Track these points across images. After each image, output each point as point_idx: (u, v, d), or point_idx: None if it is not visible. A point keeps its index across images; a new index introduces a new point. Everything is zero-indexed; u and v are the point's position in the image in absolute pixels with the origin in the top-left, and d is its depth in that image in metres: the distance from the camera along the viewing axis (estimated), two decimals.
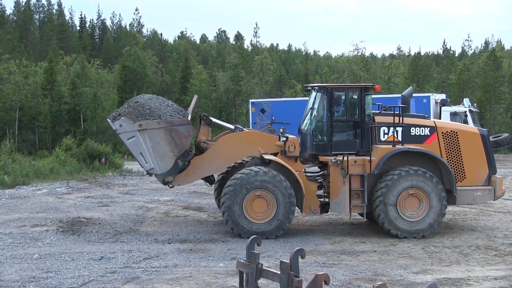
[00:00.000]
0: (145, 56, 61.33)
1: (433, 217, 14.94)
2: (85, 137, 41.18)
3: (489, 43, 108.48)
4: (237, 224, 14.67)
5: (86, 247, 13.93)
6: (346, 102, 15.71)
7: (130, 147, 14.98)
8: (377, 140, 15.50)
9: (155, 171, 15.05)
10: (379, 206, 14.81)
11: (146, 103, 15.37)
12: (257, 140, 15.82)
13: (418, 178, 14.81)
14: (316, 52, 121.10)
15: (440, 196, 14.91)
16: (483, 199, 15.99)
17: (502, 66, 72.25)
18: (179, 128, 15.15)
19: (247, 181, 14.62)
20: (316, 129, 15.79)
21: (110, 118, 15.14)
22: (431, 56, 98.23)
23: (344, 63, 70.76)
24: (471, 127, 16.54)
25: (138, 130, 14.69)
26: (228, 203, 14.61)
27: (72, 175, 28.05)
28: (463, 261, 12.70)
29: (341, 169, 14.95)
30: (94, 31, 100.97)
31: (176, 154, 15.08)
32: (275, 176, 14.70)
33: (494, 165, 15.96)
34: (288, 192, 14.69)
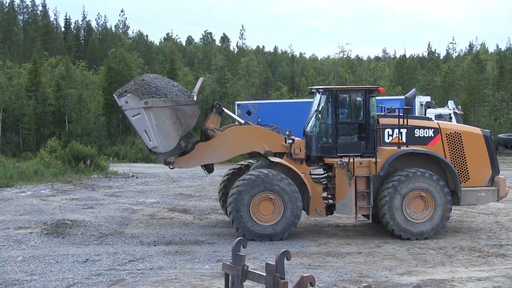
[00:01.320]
0: (131, 57, 61.08)
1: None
2: (70, 139, 40.92)
3: (473, 46, 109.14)
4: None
5: (70, 250, 13.87)
6: (351, 104, 15.78)
7: (134, 124, 14.91)
8: (382, 142, 15.62)
9: (158, 150, 14.99)
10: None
11: (152, 81, 15.33)
12: (263, 137, 15.87)
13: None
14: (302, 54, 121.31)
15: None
16: (487, 200, 16.13)
17: (486, 68, 72.76)
18: (184, 108, 15.10)
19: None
20: (321, 131, 15.87)
21: (116, 94, 15.05)
22: (416, 58, 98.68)
23: (330, 66, 70.91)
24: (474, 128, 16.66)
25: (144, 107, 14.65)
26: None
27: (56, 177, 27.90)
28: (447, 262, 12.78)
29: (347, 171, 15.02)
30: (79, 32, 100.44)
31: (180, 134, 15.05)
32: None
33: (497, 166, 16.11)
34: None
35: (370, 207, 15.14)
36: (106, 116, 55.18)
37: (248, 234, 14.64)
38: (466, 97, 57.47)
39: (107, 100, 55.57)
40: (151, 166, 38.08)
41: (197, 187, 26.21)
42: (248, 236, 14.58)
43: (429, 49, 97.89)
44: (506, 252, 13.70)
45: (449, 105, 36.20)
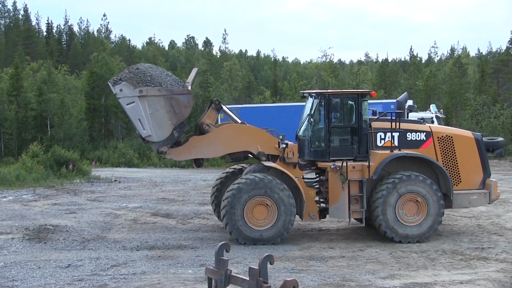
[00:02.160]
0: (113, 62, 60.83)
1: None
2: (52, 143, 40.68)
3: (454, 50, 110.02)
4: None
5: (52, 255, 13.78)
6: (343, 108, 15.83)
7: (129, 113, 14.80)
8: (374, 146, 15.68)
9: (152, 139, 14.90)
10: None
11: (147, 70, 15.28)
12: (258, 137, 15.89)
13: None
14: (284, 58, 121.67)
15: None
16: (479, 203, 16.24)
17: (467, 72, 73.26)
18: (179, 97, 15.06)
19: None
20: (314, 136, 15.91)
21: (110, 82, 14.95)
22: (398, 62, 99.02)
23: (312, 70, 71.01)
24: (466, 132, 16.78)
25: (138, 96, 14.58)
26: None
27: (38, 182, 27.72)
28: (430, 265, 12.83)
29: (341, 175, 15.07)
30: (61, 36, 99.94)
31: (174, 123, 15.00)
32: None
33: (488, 169, 16.23)
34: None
35: (364, 210, 15.20)
36: (89, 121, 54.96)
37: (242, 238, 14.74)
38: (448, 101, 57.80)
39: (89, 105, 55.37)
40: (134, 171, 37.96)
41: (180, 191, 26.15)
42: (242, 241, 14.71)
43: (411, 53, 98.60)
44: (488, 255, 13.78)
45: (431, 109, 36.46)
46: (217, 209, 16.81)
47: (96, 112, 55.80)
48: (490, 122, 51.03)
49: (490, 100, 57.34)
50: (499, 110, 52.47)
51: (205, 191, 25.97)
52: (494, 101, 57.85)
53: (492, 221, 18.06)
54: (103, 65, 57.08)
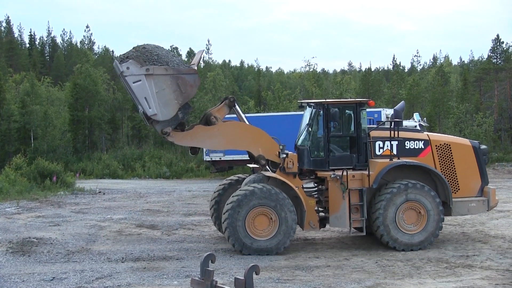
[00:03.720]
0: (97, 73, 60.60)
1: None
2: (36, 155, 40.44)
3: (437, 59, 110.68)
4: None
5: (37, 268, 13.68)
6: (342, 117, 15.92)
7: (135, 91, 14.69)
8: (373, 155, 15.74)
9: (158, 118, 14.82)
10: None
11: (154, 49, 15.22)
12: (262, 140, 15.92)
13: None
14: (268, 68, 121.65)
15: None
16: (478, 210, 16.36)
17: (450, 81, 73.67)
18: (185, 76, 15.01)
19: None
20: (313, 145, 15.96)
21: (117, 60, 14.86)
22: (381, 71, 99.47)
23: (296, 79, 71.20)
24: (463, 140, 16.90)
25: (145, 74, 14.54)
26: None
27: (22, 195, 27.52)
28: (415, 274, 12.87)
29: (341, 184, 15.10)
30: (44, 48, 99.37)
31: (180, 103, 14.97)
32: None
33: (486, 176, 16.36)
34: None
35: (364, 219, 15.26)
36: (72, 132, 54.69)
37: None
38: (431, 109, 58.09)
39: (73, 116, 55.08)
40: (118, 182, 37.81)
41: (164, 202, 26.07)
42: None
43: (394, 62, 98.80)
44: (472, 263, 13.85)
45: (414, 117, 36.58)
46: (217, 221, 16.81)
47: (79, 123, 55.54)
48: (473, 130, 51.35)
49: (472, 108, 57.75)
50: (481, 118, 52.84)
51: (190, 202, 25.93)
52: (477, 109, 58.26)
53: (477, 229, 18.16)
54: (86, 77, 56.86)
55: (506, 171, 40.62)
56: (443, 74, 68.31)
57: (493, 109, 59.37)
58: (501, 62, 63.06)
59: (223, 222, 14.97)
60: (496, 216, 20.17)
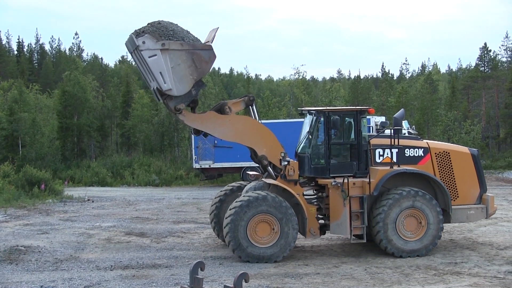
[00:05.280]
0: (85, 80, 60.42)
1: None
2: (24, 163, 40.23)
3: (425, 67, 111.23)
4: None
5: (24, 276, 13.61)
6: (342, 125, 15.99)
7: (150, 65, 14.65)
8: (373, 162, 15.80)
9: (172, 92, 14.80)
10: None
11: (169, 25, 15.23)
12: (269, 141, 15.94)
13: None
14: (257, 75, 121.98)
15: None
16: (476, 217, 16.47)
17: (438, 89, 74.15)
18: (201, 52, 14.98)
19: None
20: (313, 153, 16.00)
21: (133, 34, 14.76)
22: (370, 79, 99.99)
23: (285, 87, 71.39)
24: (462, 147, 17.01)
25: (161, 49, 14.51)
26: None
27: (10, 203, 27.36)
28: (404, 281, 12.90)
29: (342, 192, 15.13)
30: (32, 55, 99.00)
31: (195, 78, 14.98)
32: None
33: (484, 184, 16.51)
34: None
35: (365, 227, 15.30)
36: (61, 140, 54.49)
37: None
38: (420, 117, 58.35)
39: (61, 124, 54.90)
40: (107, 190, 37.68)
41: (153, 210, 26.01)
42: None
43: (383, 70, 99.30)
44: (461, 269, 13.90)
45: (403, 125, 36.62)
46: (217, 226, 16.87)
47: (68, 131, 55.35)
48: (461, 138, 51.54)
49: (460, 116, 58.04)
50: (469, 126, 53.08)
51: (179, 210, 25.88)
52: (465, 117, 58.57)
53: (465, 236, 18.23)
54: (75, 84, 56.72)
55: (493, 179, 40.78)
56: (431, 82, 68.72)
57: (481, 116, 59.74)
58: (489, 70, 63.52)
59: (224, 228, 14.97)
60: (484, 223, 20.24)
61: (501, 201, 27.21)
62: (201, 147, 35.70)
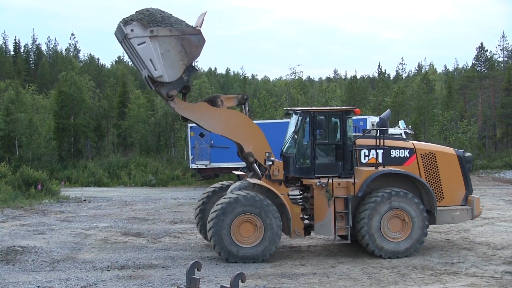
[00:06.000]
0: (82, 81, 60.37)
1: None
2: (20, 163, 40.18)
3: (422, 67, 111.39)
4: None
5: (21, 277, 13.59)
6: (328, 125, 15.94)
7: (140, 53, 14.56)
8: (358, 163, 15.79)
9: (163, 79, 14.73)
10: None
11: (157, 12, 15.14)
12: (257, 139, 15.87)
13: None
14: (254, 76, 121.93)
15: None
16: (462, 219, 16.40)
17: (434, 89, 74.23)
18: (190, 37, 14.92)
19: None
20: (299, 153, 15.95)
21: (121, 23, 14.66)
22: (367, 79, 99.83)
23: (282, 87, 71.32)
24: (448, 149, 16.97)
25: (149, 36, 14.44)
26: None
27: (6, 203, 27.31)
28: (400, 281, 12.91)
29: (326, 192, 15.09)
30: (29, 56, 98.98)
31: (185, 63, 14.92)
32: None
33: (470, 185, 16.45)
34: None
35: (349, 227, 15.27)
36: (57, 140, 54.46)
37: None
38: (416, 117, 58.43)
39: (58, 124, 54.87)
40: (104, 190, 37.65)
41: (150, 210, 26.00)
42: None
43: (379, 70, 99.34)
44: (458, 269, 13.92)
45: (399, 125, 36.74)
46: (203, 229, 16.79)
47: (65, 131, 55.31)
48: (458, 138, 51.64)
49: (457, 115, 58.15)
50: (466, 126, 53.17)
51: (176, 210, 25.87)
52: (461, 116, 58.69)
53: (462, 236, 18.25)
54: (71, 84, 56.68)
55: (490, 178, 40.88)
56: (428, 82, 68.89)
57: (478, 116, 59.86)
58: (485, 70, 63.69)
59: (208, 230, 14.92)
60: (481, 223, 20.28)
61: (498, 201, 27.29)
62: (197, 147, 35.67)
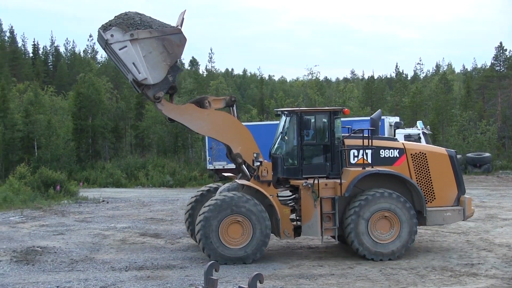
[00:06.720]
0: (100, 82, 60.76)
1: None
2: (39, 164, 40.49)
3: (440, 67, 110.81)
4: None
5: (41, 277, 13.67)
6: (315, 126, 15.85)
7: (122, 57, 14.54)
8: (347, 163, 15.67)
9: (148, 81, 14.70)
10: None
11: (135, 15, 15.14)
12: (245, 140, 15.77)
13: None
14: (271, 76, 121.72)
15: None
16: (453, 220, 16.21)
17: (453, 89, 73.79)
18: (171, 37, 14.88)
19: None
20: (286, 153, 15.88)
21: (101, 29, 14.69)
22: (384, 79, 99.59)
23: (299, 87, 71.23)
24: (439, 148, 16.79)
25: (130, 39, 14.43)
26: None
27: (26, 204, 27.52)
28: (419, 282, 12.82)
29: (312, 193, 15.02)
30: (47, 57, 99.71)
31: (169, 64, 14.88)
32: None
33: (463, 186, 16.24)
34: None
35: (336, 228, 15.15)
36: (76, 141, 54.80)
37: (220, 259, 14.54)
38: (434, 117, 58.13)
39: (76, 125, 55.24)
40: (122, 191, 37.81)
41: (168, 211, 26.06)
42: (220, 261, 14.46)
43: (397, 70, 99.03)
44: (477, 271, 13.80)
45: (417, 125, 36.60)
46: (191, 227, 16.81)
47: (83, 132, 55.66)
48: (477, 138, 51.32)
49: (476, 116, 57.74)
50: (485, 126, 52.81)
51: None
52: (480, 117, 58.26)
53: (481, 237, 18.11)
54: (89, 86, 57.04)
55: (510, 179, 40.56)
56: (446, 82, 68.51)
57: (497, 116, 59.36)
58: (504, 70, 63.13)
59: (196, 233, 14.83)
60: (501, 224, 20.13)
61: None
62: (214, 148, 35.72)
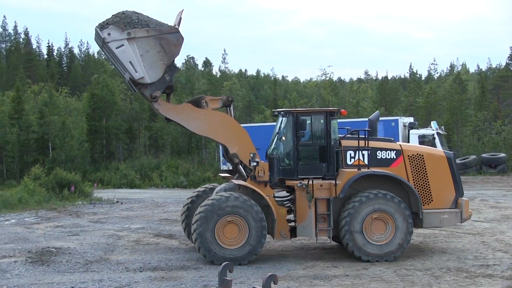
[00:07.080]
0: (114, 83, 60.98)
1: (401, 238, 14.99)
2: (54, 166, 40.69)
3: (454, 67, 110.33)
4: (209, 251, 14.55)
5: (56, 278, 13.72)
6: (312, 126, 15.78)
7: (119, 56, 14.51)
8: (344, 164, 15.56)
9: (145, 80, 14.65)
10: (346, 236, 14.87)
11: (133, 14, 15.10)
12: (242, 140, 15.70)
13: (379, 201, 14.87)
14: (284, 77, 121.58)
15: (404, 215, 14.97)
16: (450, 222, 16.08)
17: (467, 89, 73.40)
18: (168, 36, 14.85)
19: (218, 207, 14.54)
20: (283, 154, 15.85)
21: (98, 28, 14.65)
22: (398, 80, 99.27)
23: (312, 88, 71.15)
24: (437, 150, 16.70)
25: (127, 38, 14.40)
26: (199, 230, 14.48)
27: (41, 205, 27.69)
28: (434, 283, 12.75)
29: (307, 193, 14.97)
30: (61, 59, 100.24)
31: (166, 63, 14.84)
32: (246, 201, 14.66)
33: (461, 188, 16.07)
34: (259, 216, 14.64)
35: (331, 229, 15.09)
36: (90, 142, 55.04)
37: (216, 259, 14.48)
38: (449, 118, 57.85)
39: (90, 126, 55.47)
40: (136, 192, 37.92)
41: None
42: (216, 262, 14.39)
43: (411, 70, 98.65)
44: (493, 272, 13.70)
45: (432, 125, 36.44)
46: (187, 228, 16.79)
47: (97, 133, 55.90)
48: (492, 138, 51.03)
49: (491, 116, 57.44)
50: (500, 126, 52.51)
51: None
52: (495, 117, 57.96)
53: (497, 238, 17.99)
54: (103, 87, 57.28)
55: None
56: (460, 82, 68.18)
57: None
58: None
59: (192, 233, 14.76)
60: None
61: None
62: None
